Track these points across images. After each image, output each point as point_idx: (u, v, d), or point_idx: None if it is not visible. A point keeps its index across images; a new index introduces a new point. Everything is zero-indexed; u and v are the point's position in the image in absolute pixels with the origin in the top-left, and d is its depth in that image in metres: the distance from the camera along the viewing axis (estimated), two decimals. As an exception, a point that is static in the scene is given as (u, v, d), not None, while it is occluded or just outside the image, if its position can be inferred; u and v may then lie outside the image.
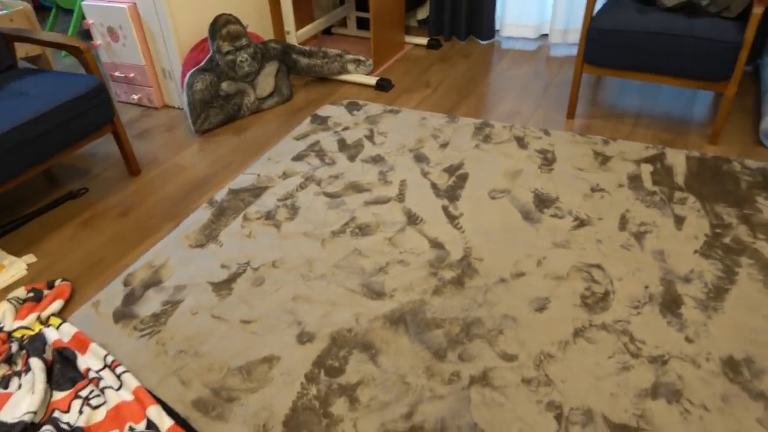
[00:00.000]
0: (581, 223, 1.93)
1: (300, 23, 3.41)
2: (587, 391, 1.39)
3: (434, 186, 2.16)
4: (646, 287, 1.66)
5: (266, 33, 3.20)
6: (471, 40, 3.53)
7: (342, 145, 2.45)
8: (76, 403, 1.42)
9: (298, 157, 2.38)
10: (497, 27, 3.53)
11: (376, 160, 2.34)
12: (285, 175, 2.27)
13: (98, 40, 2.82)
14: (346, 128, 2.58)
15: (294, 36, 3.14)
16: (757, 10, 2.08)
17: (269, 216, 2.05)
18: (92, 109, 2.11)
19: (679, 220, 1.91)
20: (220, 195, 2.18)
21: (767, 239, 1.81)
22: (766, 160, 2.23)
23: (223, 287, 1.76)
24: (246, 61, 2.68)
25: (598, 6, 3.00)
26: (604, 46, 2.35)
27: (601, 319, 1.58)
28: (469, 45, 3.48)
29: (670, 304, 1.60)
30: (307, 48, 2.96)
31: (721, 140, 2.38)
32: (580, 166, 2.22)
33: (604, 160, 2.25)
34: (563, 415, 1.34)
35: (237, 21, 2.68)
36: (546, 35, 3.48)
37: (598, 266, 1.75)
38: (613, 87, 2.90)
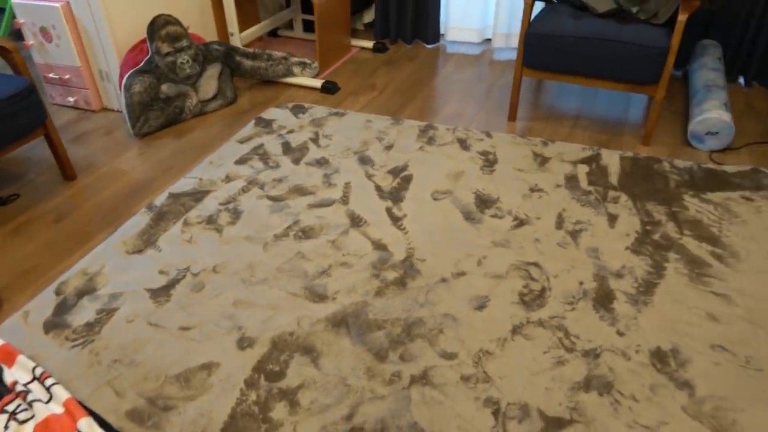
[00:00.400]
0: (520, 222, 1.98)
1: (244, 25, 3.37)
2: (523, 386, 1.42)
3: (378, 188, 2.17)
4: (581, 283, 1.72)
5: (209, 34, 3.15)
6: (417, 43, 3.57)
7: (286, 148, 2.43)
8: (2, 419, 1.35)
9: (242, 161, 2.35)
10: (442, 31, 3.58)
11: (321, 162, 2.33)
12: (228, 179, 2.24)
13: (30, 41, 2.71)
14: (290, 131, 2.56)
15: (238, 38, 3.10)
16: (682, 17, 2.19)
17: (210, 220, 2.02)
18: (22, 111, 2.03)
19: (612, 218, 1.99)
20: (160, 199, 2.13)
21: (693, 235, 1.90)
22: (693, 159, 2.35)
23: (161, 294, 1.71)
24: (187, 62, 2.63)
25: (536, 11, 3.09)
26: (540, 50, 2.42)
27: (538, 315, 1.62)
28: (415, 48, 3.52)
29: (603, 299, 1.66)
30: (251, 50, 2.93)
31: (653, 141, 2.49)
32: (520, 167, 2.28)
33: (543, 161, 2.31)
34: (500, 410, 1.37)
35: (177, 22, 2.62)
36: (489, 39, 3.55)
37: (536, 264, 1.80)
38: (553, 90, 2.99)
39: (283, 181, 2.22)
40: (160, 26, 2.57)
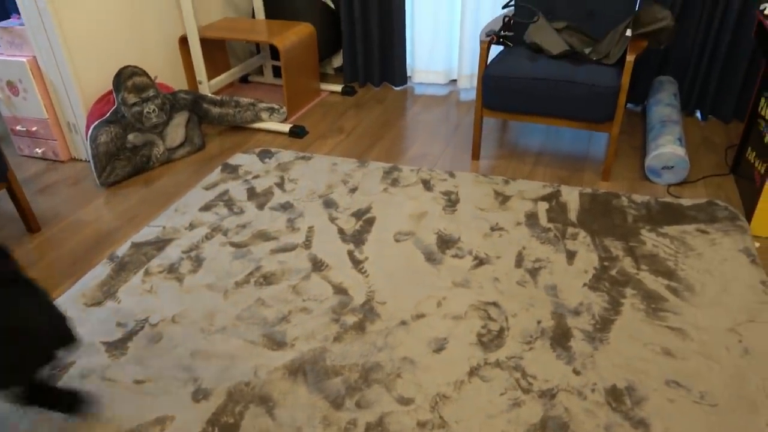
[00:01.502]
0: (480, 262, 1.99)
1: (215, 72, 3.43)
2: (479, 429, 1.41)
3: (341, 231, 2.19)
4: (539, 322, 1.73)
5: (178, 83, 3.20)
6: (385, 86, 3.65)
7: (251, 193, 2.45)
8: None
9: (206, 207, 2.36)
10: (409, 73, 3.66)
11: (285, 207, 2.35)
12: (191, 227, 2.24)
13: (-3, 94, 2.73)
14: (256, 176, 2.58)
15: (206, 85, 3.15)
16: (630, 58, 2.27)
17: (172, 269, 2.01)
18: (-18, 166, 2.03)
19: (571, 255, 2.01)
20: (122, 250, 2.12)
21: (649, 270, 1.93)
22: (651, 193, 2.40)
23: (117, 347, 1.69)
24: (153, 112, 2.67)
25: (494, 54, 3.18)
26: (497, 91, 2.49)
27: (496, 356, 1.62)
28: (383, 91, 3.60)
29: (560, 338, 1.67)
30: (218, 97, 2.98)
31: (613, 176, 2.55)
32: (482, 206, 2.31)
33: (504, 199, 2.35)
34: (455, 456, 1.35)
35: (143, 73, 2.67)
36: (455, 81, 3.64)
37: (495, 304, 1.81)
38: (517, 128, 3.06)
39: (247, 227, 2.23)
40: (126, 77, 2.61)
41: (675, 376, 1.54)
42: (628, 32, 2.43)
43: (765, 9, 2.12)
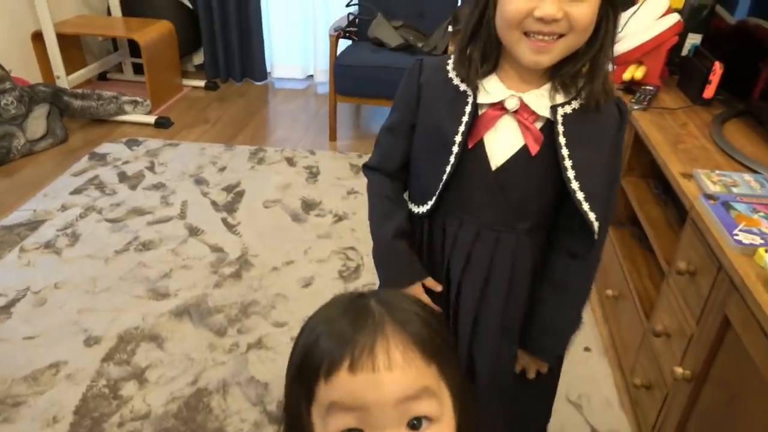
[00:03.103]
0: (339, 218, 2.33)
1: (71, 68, 3.44)
2: (342, 337, 1.74)
3: (214, 203, 2.41)
4: (388, 258, 2.10)
5: (33, 78, 3.18)
6: (246, 81, 3.88)
7: (122, 177, 2.58)
8: None
9: (77, 191, 2.45)
10: (269, 69, 3.93)
11: (158, 187, 2.51)
12: (63, 208, 2.33)
13: None
14: (126, 162, 2.70)
15: (65, 80, 3.17)
16: (451, 48, 2.76)
17: (49, 245, 2.10)
18: None
19: (413, 208, 2.42)
20: (-8, 233, 2.16)
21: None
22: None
23: (0, 313, 1.78)
24: (12, 104, 2.67)
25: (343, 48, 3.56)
26: (347, 78, 2.86)
27: (354, 285, 1.96)
28: (245, 86, 3.83)
29: (405, 267, 2.06)
30: (79, 90, 3.03)
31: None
32: (339, 176, 2.66)
33: (357, 170, 2.72)
34: (323, 357, 1.66)
35: (-3, 65, 2.67)
36: (312, 75, 3.97)
37: (353, 248, 2.15)
38: (368, 113, 3.46)
39: (121, 205, 2.37)
40: (-22, 69, 2.60)
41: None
42: (450, 28, 2.93)
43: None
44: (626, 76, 1.89)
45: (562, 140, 0.83)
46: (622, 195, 1.83)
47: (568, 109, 0.84)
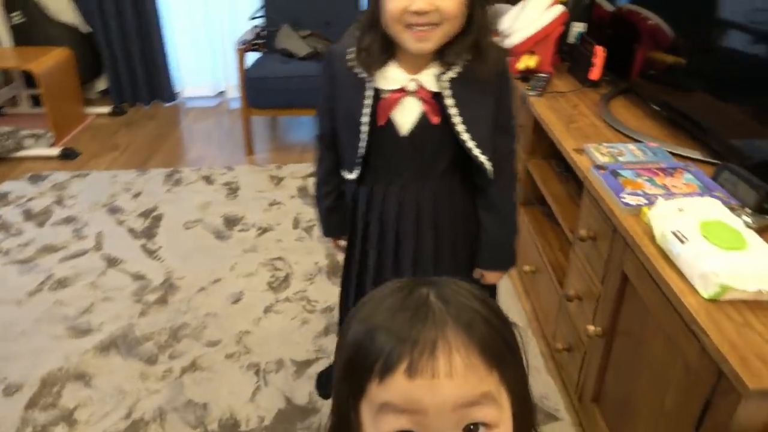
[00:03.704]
0: (264, 231, 2.32)
1: (-41, 107, 3.22)
2: (278, 347, 1.74)
3: (131, 230, 2.33)
4: (316, 263, 2.12)
5: None
6: (155, 104, 3.77)
7: (28, 215, 2.45)
8: None
9: (-21, 235, 2.30)
10: (178, 89, 3.84)
11: (68, 221, 2.40)
12: (-35, 255, 2.18)
13: None
14: (30, 199, 2.57)
15: (-47, 120, 2.96)
16: (357, 53, 2.81)
17: (-48, 295, 1.97)
18: None
19: (337, 212, 2.45)
20: None
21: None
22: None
23: None
24: None
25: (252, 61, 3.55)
26: (259, 91, 2.85)
27: (285, 294, 1.96)
28: (154, 108, 3.72)
29: (335, 270, 2.08)
30: (-30, 129, 2.84)
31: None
32: (260, 189, 2.64)
33: (278, 181, 2.71)
34: (261, 368, 1.66)
35: None
36: (223, 92, 3.92)
37: (280, 258, 2.15)
38: (285, 125, 3.46)
39: (30, 244, 2.25)
40: None
41: (418, 277, 2.05)
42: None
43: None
44: (521, 66, 2.01)
45: (450, 102, 1.02)
46: (528, 176, 1.94)
47: (452, 74, 1.01)
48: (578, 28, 2.16)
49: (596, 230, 1.30)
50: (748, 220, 1.03)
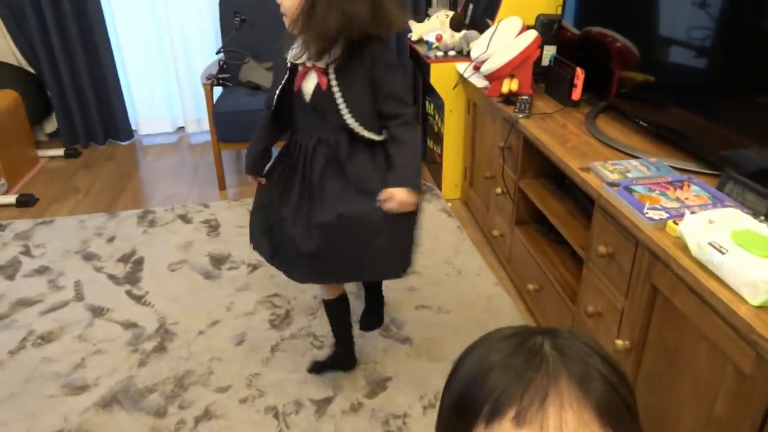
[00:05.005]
0: (254, 267, 2.27)
1: None
2: (292, 386, 1.69)
3: (112, 277, 2.22)
4: (315, 297, 2.08)
5: None
6: (111, 143, 3.63)
7: (-6, 267, 2.29)
8: None
9: (-59, 294, 2.13)
10: (134, 127, 3.72)
11: (41, 271, 2.26)
12: (-72, 317, 2.01)
13: None
14: (-7, 251, 2.40)
15: None
16: (330, 83, 2.82)
17: None
18: None
19: (325, 243, 2.43)
20: None
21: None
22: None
23: None
24: None
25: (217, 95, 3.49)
26: (228, 125, 2.81)
27: (289, 331, 1.92)
28: (110, 148, 3.58)
29: (334, 303, 2.05)
30: None
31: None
32: (241, 224, 2.58)
33: (258, 214, 2.66)
34: (279, 411, 1.61)
35: None
36: (183, 127, 3.82)
37: (277, 294, 2.11)
38: (251, 158, 3.40)
39: (1, 299, 2.10)
40: None
41: (420, 302, 2.06)
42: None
43: (410, 36, 2.89)
44: (504, 89, 2.08)
45: (332, 75, 1.37)
46: (521, 196, 2.00)
47: (335, 56, 1.35)
48: (550, 51, 2.27)
49: (614, 246, 1.36)
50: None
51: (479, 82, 2.32)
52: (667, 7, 1.59)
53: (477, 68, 2.32)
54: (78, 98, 3.44)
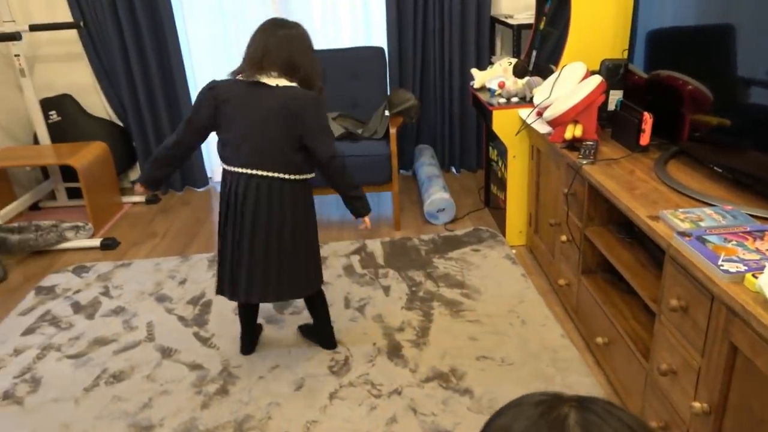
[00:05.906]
0: (315, 312, 2.29)
1: (0, 204, 3.28)
2: (349, 435, 1.67)
3: (182, 318, 2.31)
4: (374, 344, 2.07)
5: (-39, 219, 3.01)
6: (188, 189, 3.84)
7: (77, 307, 2.43)
8: None
9: (29, 331, 2.28)
10: (209, 174, 3.92)
11: (117, 311, 2.39)
12: (17, 352, 2.15)
13: None
14: (77, 291, 2.56)
15: (-3, 216, 3.01)
16: (392, 131, 2.88)
17: (7, 396, 1.92)
18: None
19: (386, 289, 2.43)
20: (-63, 394, 1.96)
21: (446, 285, 2.43)
22: (434, 232, 2.98)
23: (-36, 484, 1.59)
24: (-57, 250, 2.50)
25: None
26: (297, 172, 2.90)
27: (348, 379, 1.91)
28: (187, 194, 3.79)
29: (394, 350, 2.03)
30: (15, 224, 2.89)
31: (402, 226, 3.09)
32: (305, 269, 2.63)
33: (322, 260, 2.70)
34: (335, 461, 1.59)
35: (-75, 211, 2.51)
36: (254, 174, 3.99)
37: (337, 341, 2.11)
38: (320, 203, 3.49)
39: (81, 337, 2.22)
40: None
41: (481, 352, 1.99)
42: (387, 112, 3.07)
43: (473, 84, 2.91)
44: (567, 135, 2.04)
45: None
46: (588, 244, 1.93)
47: None
48: (616, 95, 2.22)
49: (688, 299, 1.27)
50: None
51: (542, 128, 2.30)
52: (743, 46, 1.52)
53: (540, 114, 2.30)
54: (160, 148, 3.68)
